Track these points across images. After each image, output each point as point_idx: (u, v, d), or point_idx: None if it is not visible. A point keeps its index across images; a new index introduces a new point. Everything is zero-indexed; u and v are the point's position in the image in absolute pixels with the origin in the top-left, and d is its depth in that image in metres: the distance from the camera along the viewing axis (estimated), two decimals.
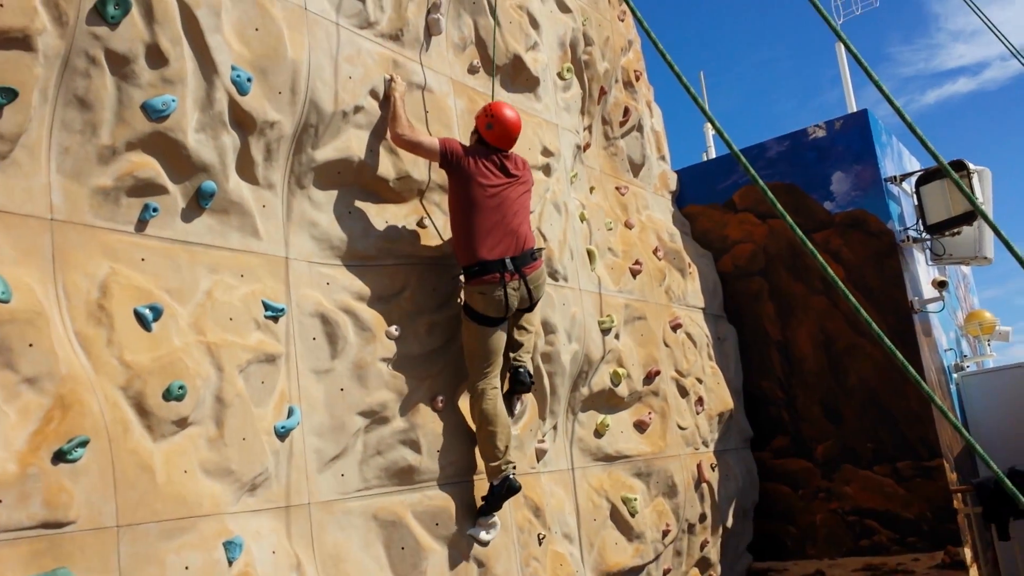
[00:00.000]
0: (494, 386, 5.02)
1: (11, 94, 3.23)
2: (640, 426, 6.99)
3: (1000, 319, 9.96)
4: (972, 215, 8.17)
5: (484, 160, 5.04)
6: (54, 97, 3.43)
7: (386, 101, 4.98)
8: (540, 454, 5.77)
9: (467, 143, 5.26)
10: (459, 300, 5.21)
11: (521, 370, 5.30)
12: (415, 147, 4.93)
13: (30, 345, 3.13)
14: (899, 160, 9.27)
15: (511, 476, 4.95)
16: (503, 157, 5.14)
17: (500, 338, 5.06)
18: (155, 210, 3.78)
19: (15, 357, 3.08)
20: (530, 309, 5.28)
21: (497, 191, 5.01)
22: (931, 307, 8.61)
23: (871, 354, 8.38)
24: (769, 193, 3.60)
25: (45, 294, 3.29)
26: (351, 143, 4.78)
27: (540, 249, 5.27)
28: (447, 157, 4.95)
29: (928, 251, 8.97)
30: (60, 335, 3.29)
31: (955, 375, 9.15)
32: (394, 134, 4.90)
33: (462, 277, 5.13)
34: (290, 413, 4.18)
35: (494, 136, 5.13)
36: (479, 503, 5.02)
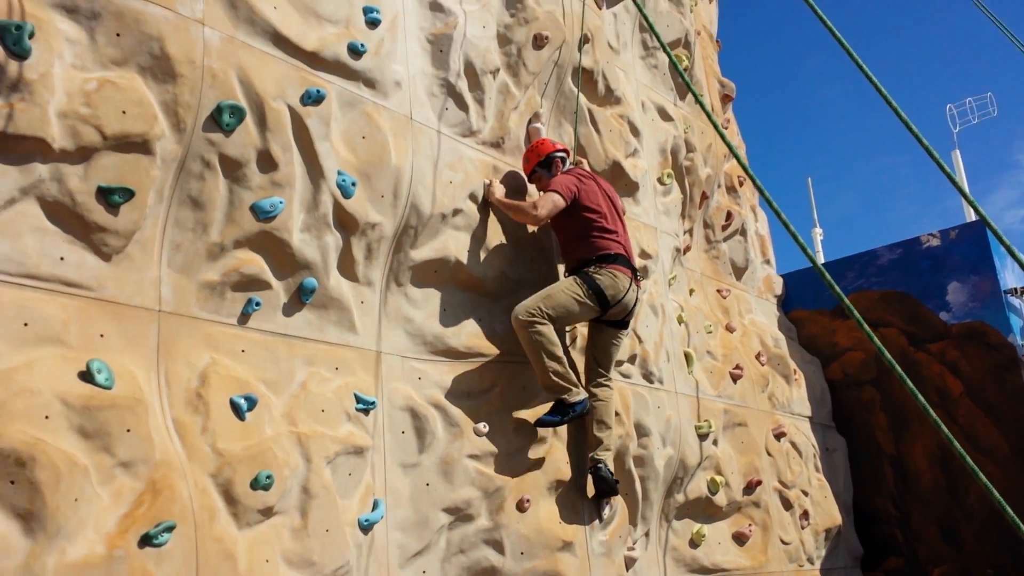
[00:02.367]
0: (548, 323, 4.90)
1: (128, 194, 3.51)
2: (740, 538, 6.72)
3: None
4: None
5: (592, 179, 5.35)
6: (169, 197, 3.70)
7: (486, 205, 5.14)
8: (630, 562, 5.60)
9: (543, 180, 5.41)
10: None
11: (601, 467, 5.22)
12: (552, 214, 5.10)
13: (128, 431, 3.30)
14: (1020, 271, 8.85)
15: (588, 401, 5.02)
16: (597, 177, 5.47)
17: (582, 316, 5.12)
18: (258, 304, 3.98)
19: (112, 442, 3.25)
20: (621, 325, 5.31)
21: (610, 204, 5.35)
22: None
23: (993, 474, 7.83)
24: (846, 300, 3.51)
25: (147, 381, 3.49)
26: (448, 243, 4.93)
27: (642, 275, 5.58)
28: (576, 193, 5.17)
29: None
30: (158, 422, 3.46)
31: None
32: (530, 218, 5.08)
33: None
34: (375, 506, 4.23)
35: (534, 153, 5.38)
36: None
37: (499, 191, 5.19)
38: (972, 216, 10.27)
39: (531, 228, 5.45)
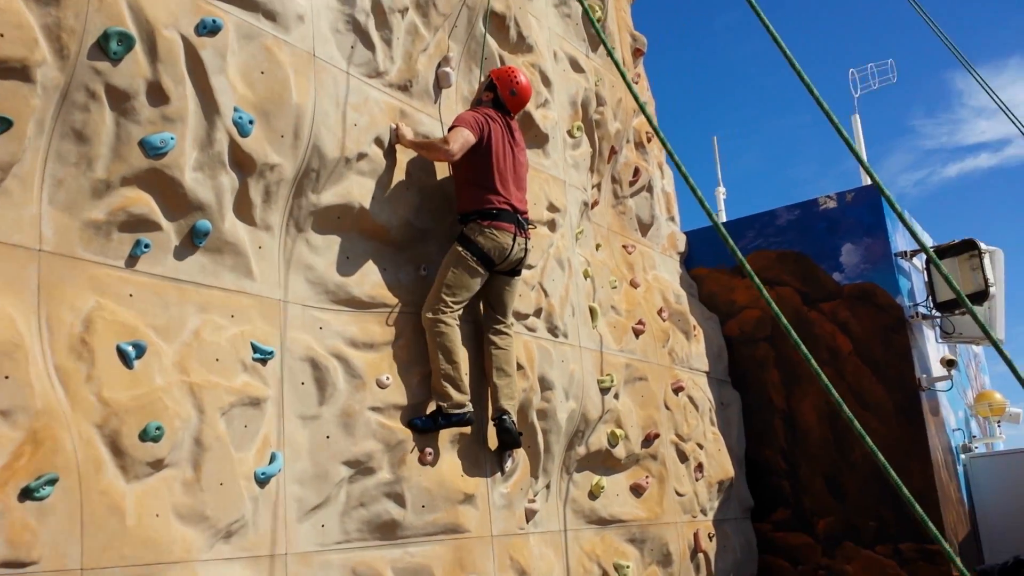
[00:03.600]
0: (455, 319, 4.99)
1: (5, 123, 3.23)
2: (637, 490, 6.84)
3: (1011, 400, 9.78)
4: (983, 294, 8.07)
5: (499, 122, 5.28)
6: (51, 129, 3.43)
7: (392, 150, 4.99)
8: (530, 514, 5.63)
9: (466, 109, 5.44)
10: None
11: (506, 419, 5.21)
12: (464, 148, 5.02)
13: (6, 377, 3.07)
14: (911, 236, 9.20)
15: (469, 415, 4.95)
16: (510, 123, 5.39)
17: (478, 283, 5.12)
18: (147, 246, 3.75)
19: None
20: (513, 273, 5.32)
21: (509, 152, 5.26)
22: (939, 386, 8.46)
23: (877, 429, 8.21)
24: (747, 265, 3.53)
25: (27, 325, 3.24)
26: (352, 189, 4.76)
27: (534, 225, 5.58)
28: (482, 134, 5.12)
29: (938, 329, 8.85)
30: (39, 368, 3.23)
31: (963, 456, 8.95)
32: (442, 154, 5.01)
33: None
34: (272, 459, 4.09)
35: (514, 102, 5.42)
36: (462, 562, 4.88)
37: (408, 132, 5.06)
38: (868, 180, 10.60)
39: (437, 176, 5.32)
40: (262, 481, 4.00)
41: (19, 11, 3.31)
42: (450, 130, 5.10)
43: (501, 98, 5.40)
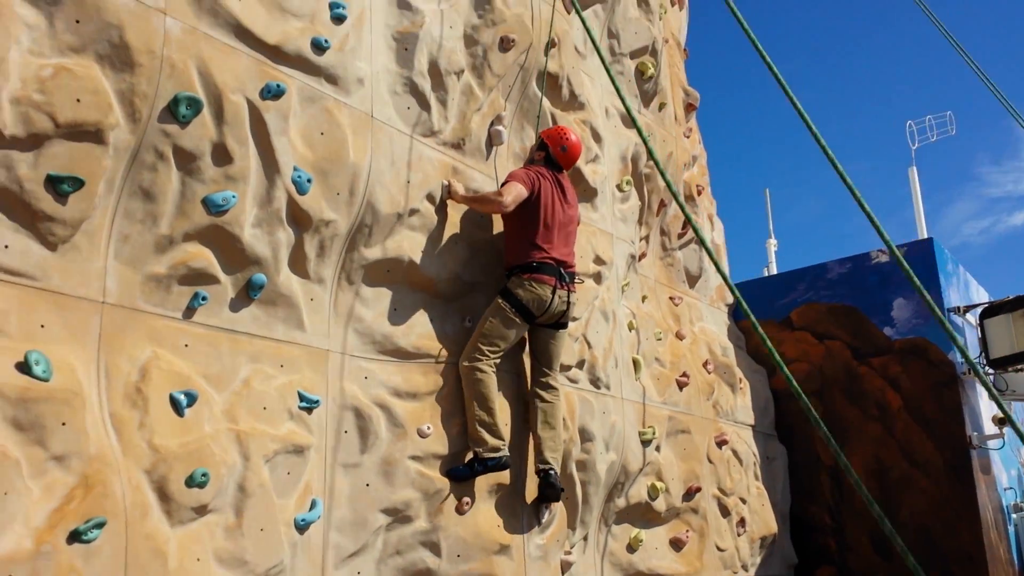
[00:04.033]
0: (492, 367, 5.09)
1: (78, 183, 3.45)
2: (676, 544, 6.83)
3: None
4: None
5: (549, 179, 5.45)
6: (120, 187, 3.65)
7: (443, 206, 5.16)
8: (566, 566, 5.68)
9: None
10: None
11: (551, 473, 5.29)
12: (517, 201, 5.22)
13: (63, 424, 3.27)
14: (965, 290, 9.08)
15: (505, 459, 5.02)
16: (561, 180, 5.56)
17: (515, 334, 5.24)
18: (204, 298, 3.95)
19: (47, 435, 3.21)
20: (557, 326, 5.42)
21: (559, 208, 5.41)
22: (990, 444, 8.29)
23: (925, 488, 8.08)
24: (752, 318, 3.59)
25: (86, 374, 3.45)
26: (403, 243, 4.92)
27: (581, 279, 5.72)
28: (533, 188, 5.30)
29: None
30: (95, 416, 3.43)
31: (1015, 516, 8.73)
32: (496, 206, 5.20)
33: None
34: (312, 506, 4.23)
35: (564, 159, 5.63)
36: None
37: (460, 188, 5.24)
38: (925, 232, 10.50)
39: (488, 231, 5.46)
40: (302, 528, 4.14)
41: (96, 78, 3.54)
42: (503, 185, 5.27)
43: (552, 155, 5.59)
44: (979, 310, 8.62)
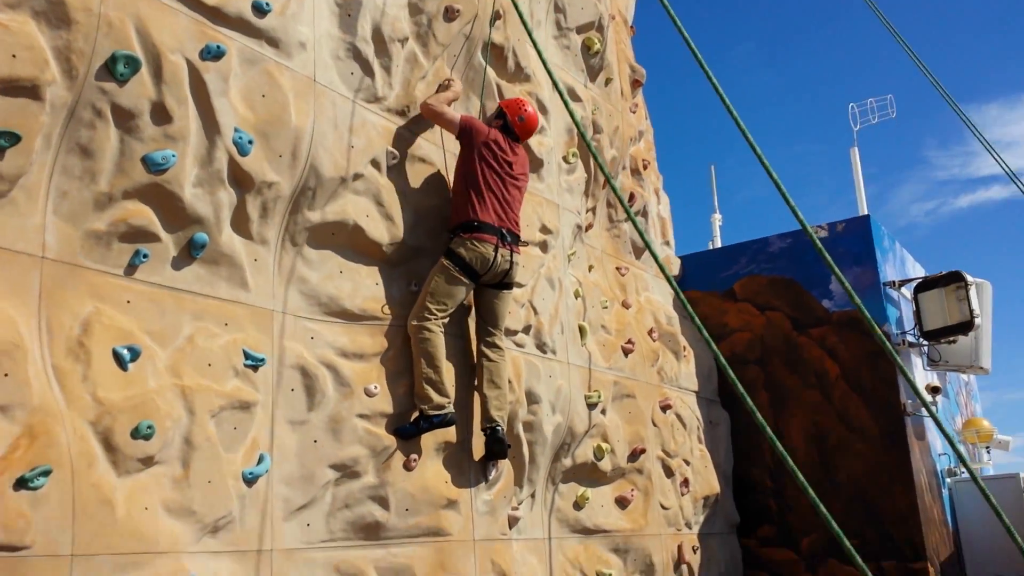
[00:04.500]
0: (439, 327, 5.23)
1: (14, 138, 3.49)
2: (621, 502, 7.02)
3: (999, 427, 9.92)
4: (969, 325, 8.24)
5: (502, 142, 5.60)
6: (57, 144, 3.69)
7: (390, 168, 5.27)
8: (512, 521, 5.83)
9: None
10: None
11: (498, 430, 5.43)
12: (437, 116, 5.52)
13: (5, 375, 3.31)
14: (902, 266, 9.39)
15: (450, 415, 5.17)
16: (514, 146, 5.71)
17: (462, 293, 5.39)
18: (145, 256, 3.99)
19: None
20: (502, 287, 5.58)
21: (504, 172, 5.56)
22: (924, 411, 8.61)
23: (861, 452, 8.38)
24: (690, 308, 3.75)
25: (28, 327, 3.49)
26: (347, 207, 5.00)
27: (525, 242, 5.91)
28: (466, 130, 5.52)
29: (925, 357, 9.01)
30: (38, 368, 3.48)
31: (948, 480, 9.08)
32: (424, 102, 5.49)
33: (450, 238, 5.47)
34: (260, 460, 4.31)
35: (521, 128, 5.79)
36: (444, 564, 5.09)
37: (456, 86, 5.68)
38: (866, 210, 10.79)
39: (430, 197, 5.56)
40: (250, 480, 4.22)
41: (31, 34, 3.57)
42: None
43: (510, 124, 5.74)
44: (914, 284, 8.93)
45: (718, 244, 11.86)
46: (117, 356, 3.75)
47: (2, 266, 3.45)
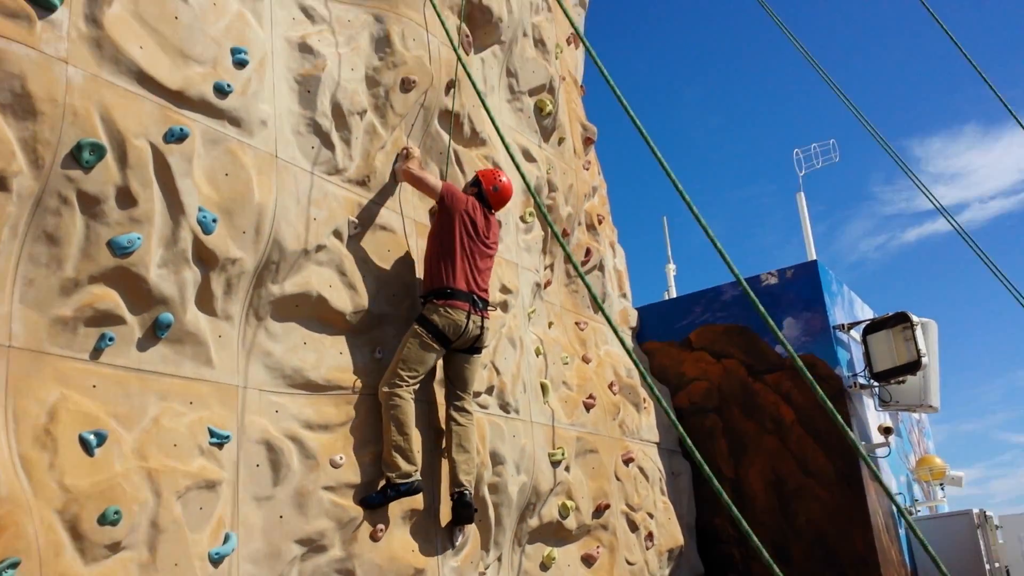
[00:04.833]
0: (411, 393, 5.28)
1: None
2: (588, 560, 7.06)
3: (951, 465, 10.18)
4: (916, 364, 8.50)
5: (476, 212, 5.77)
6: (24, 233, 3.71)
7: (350, 240, 5.35)
8: None
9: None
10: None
11: (466, 494, 5.47)
12: (419, 181, 5.74)
13: None
14: (851, 308, 9.66)
15: (417, 483, 5.18)
16: (488, 216, 5.88)
17: (433, 359, 5.46)
18: (111, 339, 4.01)
19: None
20: (472, 351, 5.65)
21: (477, 240, 5.71)
22: (878, 452, 8.82)
23: (819, 496, 8.53)
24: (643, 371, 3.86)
25: None
26: (311, 279, 5.06)
27: (493, 307, 6.03)
28: (445, 199, 5.68)
29: (876, 398, 9.25)
30: (4, 458, 3.46)
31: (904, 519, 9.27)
32: (404, 169, 5.72)
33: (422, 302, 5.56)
34: (226, 539, 4.30)
35: (495, 198, 5.97)
36: None
37: (415, 164, 5.75)
38: (814, 254, 11.10)
39: (392, 265, 5.64)
40: (216, 561, 4.21)
41: None
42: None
43: (484, 193, 5.89)
44: (863, 327, 9.19)
45: (673, 294, 12.12)
46: (83, 442, 3.75)
47: None
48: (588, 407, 7.60)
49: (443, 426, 5.70)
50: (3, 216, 3.61)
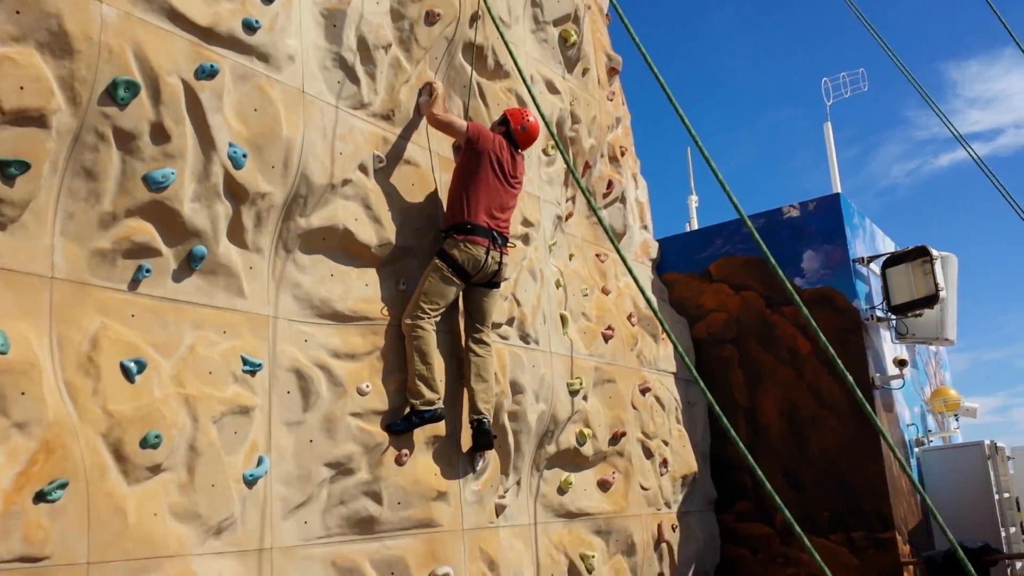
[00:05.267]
0: (432, 325, 5.48)
1: (24, 166, 3.64)
2: (603, 485, 7.30)
3: (965, 396, 10.31)
4: (934, 298, 8.56)
5: (503, 151, 5.84)
6: (63, 168, 3.84)
7: (376, 174, 5.44)
8: (499, 509, 6.09)
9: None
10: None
11: (484, 422, 5.68)
12: (446, 126, 5.82)
13: (22, 393, 3.50)
14: (872, 241, 9.67)
15: (440, 411, 5.40)
16: (515, 155, 5.95)
17: (453, 292, 5.62)
18: (148, 271, 4.17)
19: (8, 404, 3.45)
20: (490, 285, 5.80)
21: (503, 179, 5.80)
22: (892, 384, 8.95)
23: (833, 426, 8.71)
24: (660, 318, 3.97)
25: (41, 346, 3.67)
26: (337, 212, 5.18)
27: (513, 243, 6.19)
28: (472, 140, 5.74)
29: (893, 330, 9.33)
30: (51, 384, 3.66)
31: (916, 450, 9.46)
32: (429, 113, 5.77)
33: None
34: (259, 462, 4.53)
35: (522, 137, 6.03)
36: (435, 554, 5.34)
37: (440, 105, 5.80)
38: (839, 187, 11.05)
39: (416, 199, 5.74)
40: (250, 482, 4.44)
41: (37, 65, 3.71)
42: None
43: (512, 132, 5.95)
44: (882, 260, 9.22)
45: (695, 226, 12.13)
46: (124, 369, 3.94)
47: (16, 288, 3.62)
48: (607, 338, 7.75)
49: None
50: (44, 152, 3.73)
